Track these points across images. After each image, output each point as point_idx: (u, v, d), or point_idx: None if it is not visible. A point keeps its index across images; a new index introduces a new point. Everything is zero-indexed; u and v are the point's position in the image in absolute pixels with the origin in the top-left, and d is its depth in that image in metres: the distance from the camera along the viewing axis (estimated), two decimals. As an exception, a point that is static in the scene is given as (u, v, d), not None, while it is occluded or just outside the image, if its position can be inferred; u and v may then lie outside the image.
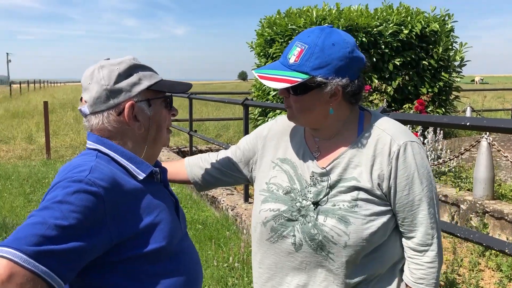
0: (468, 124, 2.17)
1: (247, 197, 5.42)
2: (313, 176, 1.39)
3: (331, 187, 1.35)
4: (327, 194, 1.35)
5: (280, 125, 1.56)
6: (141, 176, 1.25)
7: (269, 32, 8.67)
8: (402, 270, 1.44)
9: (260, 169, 1.53)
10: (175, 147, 10.00)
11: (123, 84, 1.26)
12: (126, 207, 1.18)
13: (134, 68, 1.29)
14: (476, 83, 53.81)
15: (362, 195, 1.32)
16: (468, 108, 10.27)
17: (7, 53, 78.44)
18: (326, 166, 1.37)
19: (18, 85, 41.69)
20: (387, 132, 1.36)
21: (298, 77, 1.30)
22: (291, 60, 1.33)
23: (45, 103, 9.96)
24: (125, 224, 1.16)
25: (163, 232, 1.23)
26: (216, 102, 8.90)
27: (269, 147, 1.52)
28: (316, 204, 1.35)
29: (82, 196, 1.09)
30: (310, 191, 1.37)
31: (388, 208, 1.36)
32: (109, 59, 1.31)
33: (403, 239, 1.41)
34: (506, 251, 2.07)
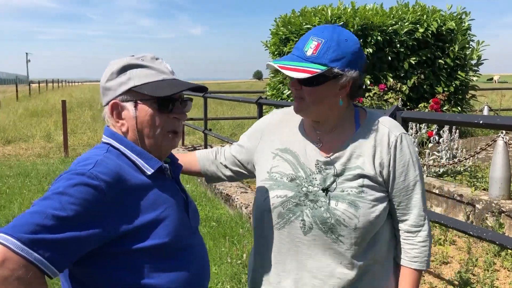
0: (481, 122, 2.17)
1: (261, 195, 5.45)
2: (317, 164, 1.47)
3: (338, 175, 1.45)
4: (335, 181, 1.44)
5: (276, 118, 1.64)
6: (149, 171, 1.27)
7: (283, 31, 8.69)
8: (394, 255, 1.56)
9: (260, 160, 1.59)
10: (190, 146, 10.08)
11: (113, 82, 1.30)
12: (129, 202, 1.20)
13: (127, 67, 1.30)
14: (495, 82, 52.96)
15: (367, 182, 1.44)
16: (486, 107, 10.13)
17: (26, 53, 79.76)
18: (330, 155, 1.47)
19: (37, 85, 42.39)
20: (384, 125, 1.50)
21: (317, 68, 1.38)
22: (308, 53, 1.40)
23: (63, 102, 10.12)
24: (127, 218, 1.18)
25: (167, 229, 1.24)
26: (231, 101, 8.93)
27: (268, 139, 1.60)
28: (326, 190, 1.44)
29: (83, 188, 1.12)
30: (316, 178, 1.46)
31: (386, 194, 1.48)
32: (133, 56, 1.34)
33: (399, 223, 1.52)
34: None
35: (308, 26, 7.95)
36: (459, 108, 8.14)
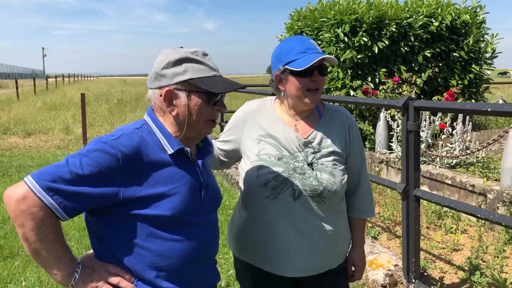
0: (489, 110, 2.28)
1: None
2: (299, 144, 1.84)
3: (315, 152, 1.83)
4: (314, 157, 1.82)
5: (252, 109, 1.95)
6: (170, 151, 1.44)
7: (298, 25, 8.79)
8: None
9: (247, 146, 1.89)
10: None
11: (169, 71, 1.44)
12: (144, 173, 1.39)
13: (184, 60, 1.44)
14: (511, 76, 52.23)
15: (337, 156, 1.85)
16: (500, 100, 10.13)
17: (42, 48, 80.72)
18: (307, 137, 1.85)
19: (54, 79, 42.96)
20: (341, 111, 1.95)
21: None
22: (320, 49, 1.80)
23: (82, 95, 10.35)
24: (138, 186, 1.37)
25: (172, 204, 1.41)
26: (246, 93, 9.07)
27: (250, 128, 1.90)
28: (310, 165, 1.81)
29: (101, 154, 1.33)
30: (299, 156, 1.82)
31: (346, 164, 1.91)
32: (182, 47, 1.49)
33: (353, 186, 1.96)
34: (524, 229, 2.19)
35: (324, 19, 8.04)
36: (473, 101, 8.17)
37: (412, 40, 7.73)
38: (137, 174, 1.38)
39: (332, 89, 7.56)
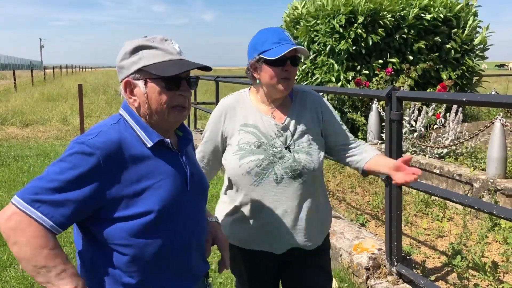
0: (464, 99, 2.40)
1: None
2: (277, 130, 1.95)
3: (292, 135, 1.95)
4: (292, 140, 1.94)
5: (227, 104, 2.03)
6: (149, 143, 1.41)
7: (295, 15, 8.89)
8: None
9: (229, 140, 1.98)
10: (202, 129, 10.37)
11: (126, 62, 1.43)
12: (126, 170, 1.35)
13: (139, 48, 1.42)
14: (510, 69, 52.33)
15: (312, 135, 1.98)
16: (493, 92, 10.24)
17: (40, 39, 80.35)
18: (284, 122, 1.97)
19: (51, 70, 42.90)
20: (308, 91, 2.09)
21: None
22: (293, 40, 1.90)
23: (80, 86, 10.42)
24: (121, 184, 1.34)
25: (159, 197, 1.38)
26: (241, 84, 9.16)
27: (230, 121, 1.99)
28: (288, 148, 1.93)
29: (80, 156, 1.30)
30: (277, 141, 1.94)
31: (324, 140, 2.03)
32: (146, 36, 1.48)
33: (346, 144, 2.08)
34: (494, 212, 2.31)
35: (320, 10, 8.12)
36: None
37: (406, 31, 7.83)
38: (119, 171, 1.35)
39: (326, 81, 7.67)
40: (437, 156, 6.01)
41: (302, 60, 8.45)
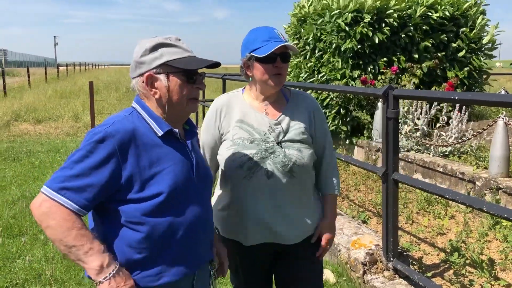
0: (456, 98, 2.45)
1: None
2: (270, 126, 2.03)
3: (285, 132, 2.02)
4: (284, 136, 2.02)
5: (221, 102, 2.11)
6: (160, 133, 1.56)
7: (302, 14, 8.93)
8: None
9: (224, 136, 2.06)
10: (210, 126, 10.46)
11: (147, 57, 1.56)
12: (138, 156, 1.50)
13: (159, 45, 1.57)
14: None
15: (304, 134, 2.05)
16: (503, 91, 10.18)
17: (54, 36, 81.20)
18: (277, 119, 2.05)
19: (65, 67, 43.38)
20: (305, 95, 2.17)
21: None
22: (283, 38, 1.97)
23: (91, 83, 10.59)
24: (134, 169, 1.49)
25: (168, 181, 1.52)
26: (247, 82, 9.24)
27: (225, 119, 2.07)
28: (279, 143, 2.01)
29: (97, 144, 1.46)
30: (269, 137, 2.01)
31: (312, 140, 2.10)
32: (156, 36, 1.63)
33: (323, 162, 2.16)
34: (484, 208, 2.36)
35: (326, 9, 8.15)
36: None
37: (412, 30, 7.82)
38: (133, 157, 1.49)
39: (331, 79, 7.70)
40: (441, 154, 6.03)
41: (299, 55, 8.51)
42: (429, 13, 7.85)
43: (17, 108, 13.80)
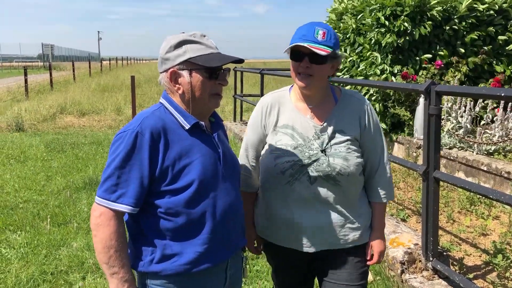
0: (502, 94, 2.36)
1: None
2: (315, 132, 1.93)
3: (330, 138, 1.92)
4: (329, 143, 1.92)
5: (267, 102, 2.03)
6: (187, 126, 1.62)
7: (341, 9, 8.81)
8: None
9: (268, 138, 2.01)
10: (246, 121, 10.52)
11: (171, 54, 1.61)
12: (169, 149, 1.57)
13: (183, 42, 1.61)
14: None
15: (351, 141, 1.93)
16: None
17: (98, 32, 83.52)
18: (323, 124, 1.94)
19: (108, 62, 44.57)
20: (356, 96, 2.01)
21: (329, 49, 1.84)
22: (319, 38, 1.84)
23: (132, 78, 10.84)
24: (166, 161, 1.56)
25: (198, 171, 1.59)
26: (287, 77, 9.23)
27: (268, 122, 2.01)
28: (323, 151, 1.91)
29: (132, 142, 1.54)
30: (313, 144, 1.92)
31: (360, 149, 1.97)
32: (183, 32, 1.67)
33: (372, 170, 2.01)
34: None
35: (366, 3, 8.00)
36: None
37: (457, 22, 7.55)
38: (164, 150, 1.56)
39: (372, 73, 7.56)
40: (485, 152, 5.82)
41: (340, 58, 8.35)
42: (475, 5, 7.55)
43: (62, 101, 14.30)
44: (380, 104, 7.32)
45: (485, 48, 7.59)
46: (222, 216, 1.65)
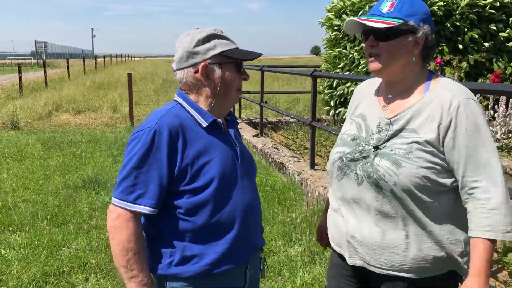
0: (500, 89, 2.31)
1: (313, 164, 5.72)
2: (379, 125, 1.62)
3: (393, 135, 1.57)
4: (387, 140, 1.57)
5: (359, 89, 1.83)
6: (204, 124, 1.58)
7: (341, 6, 8.75)
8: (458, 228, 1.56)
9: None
10: (246, 119, 10.44)
11: (200, 48, 1.57)
12: (187, 148, 1.53)
13: (212, 37, 1.58)
14: None
15: (418, 144, 1.51)
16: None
17: (92, 29, 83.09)
18: (391, 117, 1.59)
19: (102, 59, 44.32)
20: (448, 89, 1.53)
21: (395, 21, 1.51)
22: (384, 10, 1.55)
23: (129, 75, 10.75)
24: (184, 160, 1.52)
25: (217, 169, 1.55)
26: (286, 74, 9.17)
27: (350, 110, 1.81)
28: (376, 147, 1.58)
29: (149, 142, 1.49)
30: (373, 138, 1.61)
31: (441, 159, 1.51)
32: (198, 28, 1.63)
33: (464, 192, 1.51)
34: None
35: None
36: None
37: (458, 18, 7.52)
38: (182, 149, 1.52)
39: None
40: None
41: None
42: (477, 1, 7.52)
43: (57, 99, 14.15)
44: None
45: (486, 44, 7.57)
46: (242, 215, 1.61)
